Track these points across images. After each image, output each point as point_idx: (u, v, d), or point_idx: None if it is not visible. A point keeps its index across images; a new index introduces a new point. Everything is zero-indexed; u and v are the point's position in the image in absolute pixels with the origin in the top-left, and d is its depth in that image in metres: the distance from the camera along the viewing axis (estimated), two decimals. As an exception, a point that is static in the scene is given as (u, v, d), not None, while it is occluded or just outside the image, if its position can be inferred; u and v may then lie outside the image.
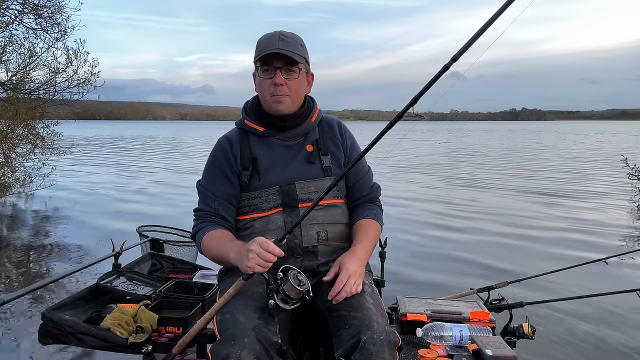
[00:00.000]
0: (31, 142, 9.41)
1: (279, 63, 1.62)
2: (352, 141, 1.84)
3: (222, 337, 1.37)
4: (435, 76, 1.25)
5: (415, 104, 1.29)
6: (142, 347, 1.69)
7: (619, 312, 3.81)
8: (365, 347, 1.35)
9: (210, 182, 1.73)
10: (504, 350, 1.58)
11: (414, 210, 8.37)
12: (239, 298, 1.47)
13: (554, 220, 7.55)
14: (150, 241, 2.98)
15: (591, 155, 22.42)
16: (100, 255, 2.53)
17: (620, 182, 11.01)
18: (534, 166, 16.98)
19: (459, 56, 1.18)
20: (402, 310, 1.95)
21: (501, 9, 1.14)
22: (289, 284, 1.39)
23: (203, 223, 1.69)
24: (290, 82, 1.64)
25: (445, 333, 1.72)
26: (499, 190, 11.03)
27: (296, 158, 1.72)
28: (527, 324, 2.08)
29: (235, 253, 1.49)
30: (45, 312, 1.80)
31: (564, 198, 9.75)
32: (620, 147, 25.55)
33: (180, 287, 2.17)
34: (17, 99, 8.64)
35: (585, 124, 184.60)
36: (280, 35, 1.62)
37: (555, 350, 3.23)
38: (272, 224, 1.66)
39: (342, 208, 1.76)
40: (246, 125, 1.75)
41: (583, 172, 14.76)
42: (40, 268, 5.12)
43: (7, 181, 9.12)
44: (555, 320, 3.65)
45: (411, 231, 6.79)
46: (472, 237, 6.46)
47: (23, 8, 8.49)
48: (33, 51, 8.88)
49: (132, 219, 7.05)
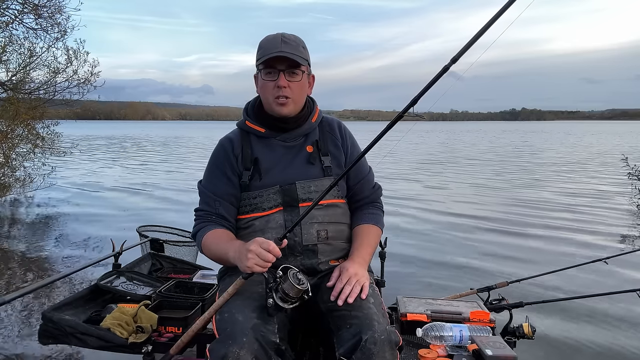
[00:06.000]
0: (31, 142, 9.39)
1: (282, 65, 1.63)
2: (352, 141, 1.84)
3: (220, 337, 1.38)
4: (435, 77, 1.25)
5: (415, 104, 1.29)
6: (142, 347, 1.70)
7: (618, 312, 3.81)
8: (367, 346, 1.35)
9: (212, 182, 1.74)
10: (504, 350, 1.58)
11: (414, 210, 8.37)
12: (238, 297, 1.47)
13: (554, 220, 7.54)
14: (150, 241, 2.98)
15: (591, 155, 22.42)
16: (100, 255, 2.53)
17: (620, 182, 11.01)
18: (533, 166, 16.97)
19: (459, 57, 1.18)
20: (402, 310, 1.95)
21: (501, 10, 1.14)
22: (289, 282, 1.39)
23: (204, 223, 1.70)
24: (293, 84, 1.65)
25: (445, 333, 1.72)
26: (499, 190, 11.04)
27: (296, 158, 1.72)
28: (527, 324, 2.08)
29: (234, 252, 1.49)
30: (45, 312, 1.80)
31: (564, 198, 9.75)
32: (619, 146, 25.56)
33: (180, 287, 2.17)
34: (17, 99, 8.63)
35: (586, 124, 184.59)
36: (283, 38, 1.63)
37: (555, 351, 3.23)
38: (272, 223, 1.66)
39: (343, 208, 1.77)
40: (247, 126, 1.76)
41: (583, 172, 14.76)
42: (40, 268, 5.11)
43: (7, 181, 9.11)
44: (555, 320, 3.65)
45: (411, 231, 6.80)
46: (472, 237, 6.46)
47: (23, 8, 8.49)
48: (33, 51, 8.88)
49: (132, 219, 7.05)
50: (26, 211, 8.55)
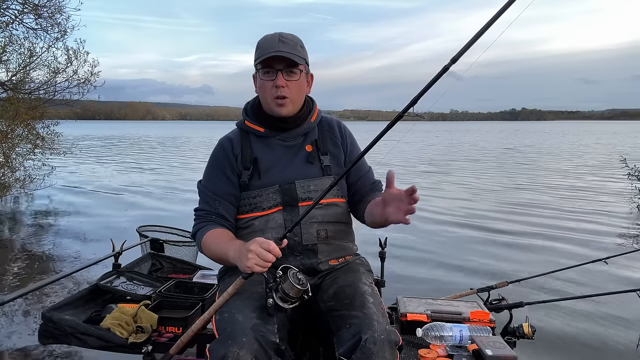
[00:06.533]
0: (31, 142, 9.39)
1: (280, 65, 1.63)
2: (352, 140, 1.84)
3: (220, 337, 1.38)
4: (435, 77, 1.25)
5: (415, 104, 1.29)
6: (142, 347, 1.69)
7: (618, 312, 3.81)
8: (366, 346, 1.35)
9: (212, 181, 1.74)
10: (504, 350, 1.58)
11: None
12: (237, 297, 1.47)
13: (554, 220, 7.55)
14: (150, 241, 2.98)
15: (590, 155, 22.42)
16: (100, 255, 2.52)
17: (620, 182, 11.01)
18: (533, 166, 16.98)
19: (459, 57, 1.18)
20: (402, 310, 1.95)
21: (500, 10, 1.14)
22: (289, 282, 1.39)
23: (203, 222, 1.69)
24: (291, 83, 1.65)
25: (445, 333, 1.72)
26: (499, 190, 11.03)
27: (296, 158, 1.73)
28: (527, 324, 2.08)
29: (234, 252, 1.49)
30: (45, 312, 1.80)
31: (563, 198, 9.75)
32: (619, 146, 25.56)
33: (180, 287, 2.17)
34: (17, 99, 8.63)
35: (586, 124, 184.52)
36: (280, 37, 1.63)
37: (555, 351, 3.23)
38: (272, 222, 1.66)
39: (343, 208, 1.76)
40: (247, 125, 1.76)
41: (583, 172, 14.76)
42: (40, 268, 5.11)
43: (7, 181, 9.11)
44: (555, 320, 3.65)
45: (411, 231, 6.79)
46: (472, 237, 6.46)
47: (23, 8, 8.48)
48: (33, 51, 8.87)
49: (132, 219, 7.06)
50: (26, 211, 8.55)
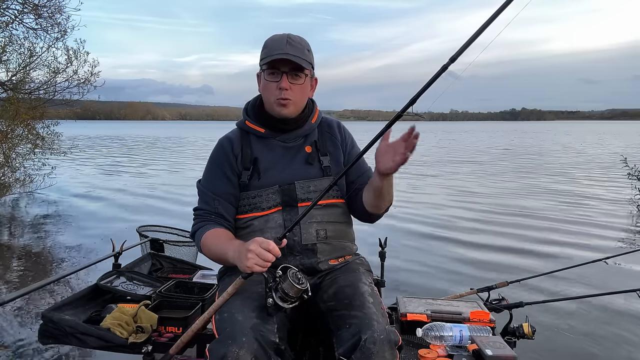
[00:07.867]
0: (31, 142, 9.40)
1: (286, 67, 1.62)
2: (352, 140, 1.85)
3: (220, 336, 1.38)
4: (434, 76, 1.25)
5: (414, 103, 1.29)
6: (142, 347, 1.69)
7: (618, 312, 3.81)
8: (366, 346, 1.35)
9: (211, 181, 1.74)
10: (504, 350, 1.58)
11: (414, 210, 8.37)
12: (237, 297, 1.47)
13: (554, 220, 7.55)
14: (150, 241, 2.98)
15: (590, 155, 22.41)
16: (100, 255, 2.53)
17: (620, 182, 11.01)
18: (532, 166, 16.97)
19: (457, 57, 1.18)
20: (402, 310, 1.95)
21: (498, 10, 1.14)
22: (288, 282, 1.39)
23: (203, 222, 1.69)
24: (295, 87, 1.65)
25: (445, 333, 1.72)
26: (498, 190, 11.03)
27: (295, 159, 1.73)
28: (527, 324, 2.08)
29: (234, 252, 1.49)
30: (45, 312, 1.80)
31: (563, 199, 9.75)
32: (619, 146, 25.55)
33: (180, 287, 2.17)
34: (17, 99, 8.63)
35: (586, 124, 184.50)
36: (288, 39, 1.62)
37: (555, 351, 3.23)
38: (271, 222, 1.66)
39: (342, 208, 1.76)
40: (247, 126, 1.76)
41: (583, 172, 14.76)
42: (41, 268, 5.12)
43: (7, 181, 9.11)
44: (555, 320, 3.65)
45: (411, 231, 6.80)
46: (472, 237, 6.46)
47: (23, 8, 8.48)
48: (33, 51, 8.88)
49: (132, 219, 7.06)
50: (26, 211, 8.55)
